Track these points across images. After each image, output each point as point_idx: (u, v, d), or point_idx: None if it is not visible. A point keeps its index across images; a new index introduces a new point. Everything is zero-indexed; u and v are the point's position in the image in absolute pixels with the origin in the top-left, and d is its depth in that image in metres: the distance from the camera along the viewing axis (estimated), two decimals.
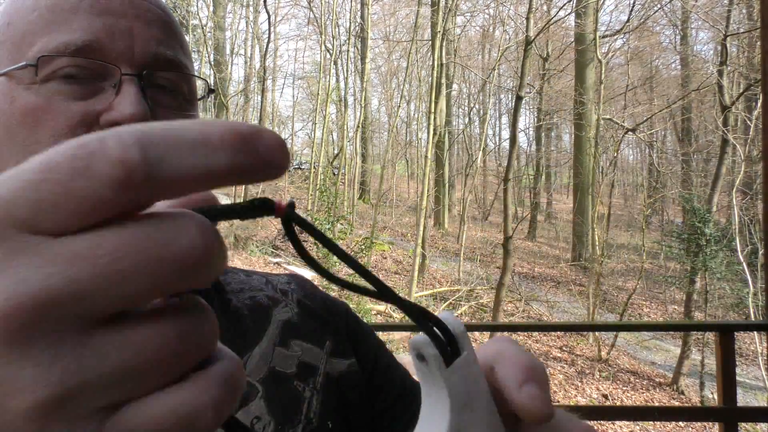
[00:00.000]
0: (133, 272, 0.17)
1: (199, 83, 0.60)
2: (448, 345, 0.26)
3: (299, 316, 0.64)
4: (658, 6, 14.60)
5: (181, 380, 0.18)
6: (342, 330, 0.66)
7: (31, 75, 0.50)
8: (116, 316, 0.18)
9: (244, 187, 15.97)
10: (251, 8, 24.11)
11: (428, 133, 12.18)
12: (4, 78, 0.51)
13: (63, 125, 0.49)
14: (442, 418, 0.26)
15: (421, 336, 0.25)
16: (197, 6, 20.78)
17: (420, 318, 0.25)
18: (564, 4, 11.77)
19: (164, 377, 0.18)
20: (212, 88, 0.62)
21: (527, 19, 9.85)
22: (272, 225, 13.96)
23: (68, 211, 0.17)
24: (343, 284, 0.24)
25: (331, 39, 18.81)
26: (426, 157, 11.99)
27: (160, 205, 0.19)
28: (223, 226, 13.53)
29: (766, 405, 7.33)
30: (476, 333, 8.27)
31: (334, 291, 9.12)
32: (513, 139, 9.82)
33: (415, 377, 0.29)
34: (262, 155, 0.19)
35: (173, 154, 0.18)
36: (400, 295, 0.25)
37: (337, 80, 20.84)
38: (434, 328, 0.25)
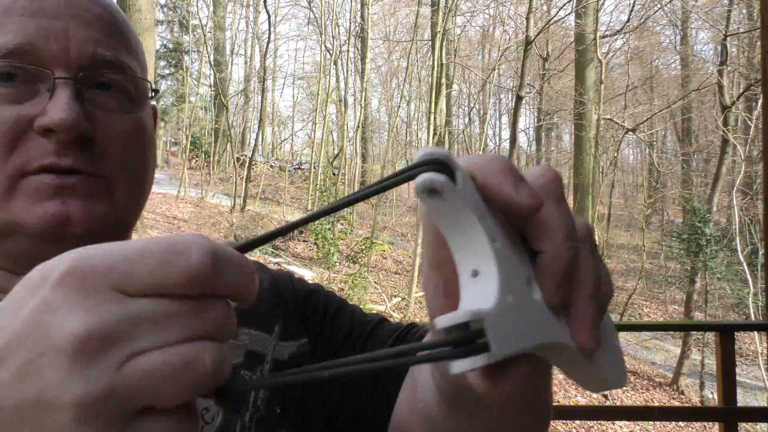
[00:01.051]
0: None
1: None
2: (443, 170, 0.27)
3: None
4: (658, 6, 14.60)
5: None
6: (291, 307, 0.65)
7: None
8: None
9: (244, 187, 15.97)
10: (251, 8, 24.14)
11: (428, 133, 12.18)
12: None
13: None
14: (476, 232, 0.28)
15: (420, 177, 0.27)
16: (197, 6, 20.80)
17: (407, 170, 0.28)
18: (564, 4, 11.78)
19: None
20: (156, 89, 0.61)
21: (527, 19, 9.85)
22: (272, 225, 13.97)
23: (148, 285, 0.26)
24: (315, 217, 0.30)
25: (331, 39, 18.83)
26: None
27: None
28: (223, 227, 13.54)
29: (766, 405, 7.32)
30: None
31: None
32: (513, 139, 9.82)
33: (431, 220, 0.30)
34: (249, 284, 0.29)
35: (230, 271, 0.28)
36: (370, 189, 0.28)
37: (337, 80, 20.85)
38: (425, 167, 0.27)
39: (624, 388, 8.22)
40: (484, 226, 0.28)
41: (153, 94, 0.60)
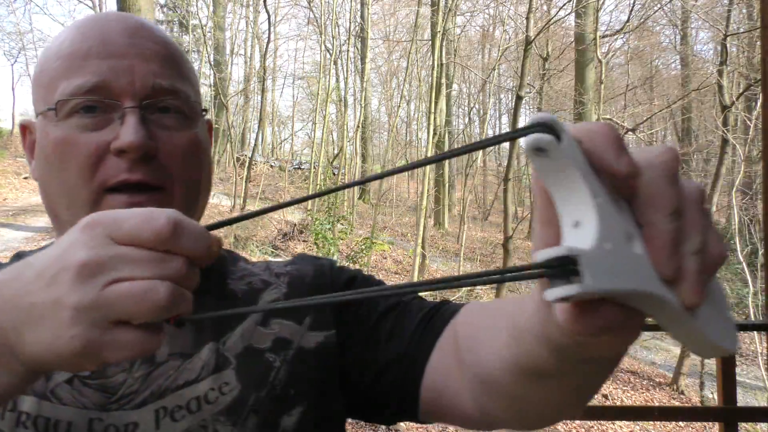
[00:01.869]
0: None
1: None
2: (550, 132, 0.30)
3: (286, 296, 0.73)
4: (658, 6, 14.59)
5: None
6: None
7: (54, 115, 0.63)
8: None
9: (244, 187, 15.96)
10: (251, 8, 24.11)
11: (428, 133, 12.18)
12: (42, 116, 0.65)
13: (82, 153, 0.62)
14: (578, 187, 0.30)
15: (531, 136, 0.30)
16: (197, 6, 20.79)
17: (519, 130, 0.31)
18: (564, 4, 11.77)
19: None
20: (205, 108, 0.73)
21: (527, 19, 9.85)
22: (272, 225, 13.97)
23: (129, 237, 0.39)
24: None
25: (331, 39, 18.82)
26: (426, 157, 11.99)
27: None
28: (223, 227, 13.51)
29: (766, 405, 7.33)
30: None
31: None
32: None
33: (539, 178, 0.32)
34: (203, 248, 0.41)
35: (188, 237, 0.40)
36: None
37: (337, 80, 20.83)
38: (534, 128, 0.30)
39: (624, 388, 8.22)
40: (587, 182, 0.30)
41: (203, 113, 0.72)
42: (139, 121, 0.62)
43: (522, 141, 0.31)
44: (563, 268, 0.28)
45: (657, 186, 0.31)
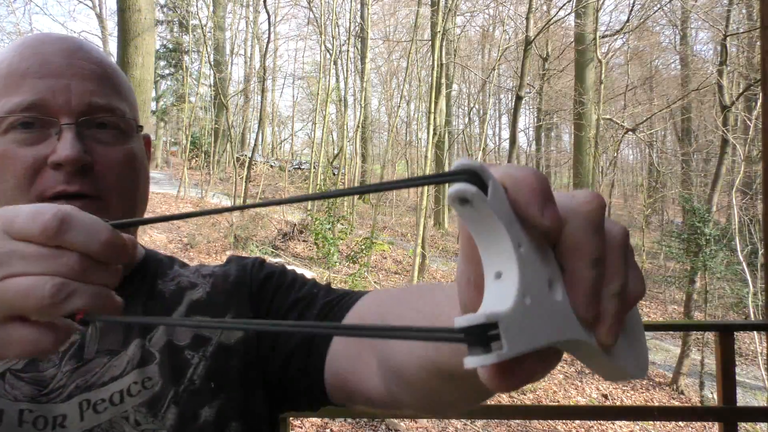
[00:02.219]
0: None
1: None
2: (476, 181, 0.29)
3: (209, 295, 0.77)
4: (658, 6, 14.60)
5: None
6: (245, 296, 0.77)
7: None
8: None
9: (244, 187, 15.96)
10: (251, 8, 24.12)
11: (428, 133, 12.18)
12: None
13: (19, 167, 0.65)
14: (502, 238, 0.30)
15: (454, 186, 0.29)
16: (197, 6, 20.78)
17: (443, 175, 0.30)
18: (564, 4, 11.77)
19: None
20: (140, 125, 0.76)
21: (527, 19, 9.86)
22: (272, 225, 13.97)
23: (20, 232, 0.39)
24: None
25: (331, 39, 18.82)
26: (426, 157, 11.99)
27: None
28: (223, 227, 13.53)
29: (765, 405, 7.33)
30: None
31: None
32: (513, 139, 9.82)
33: (463, 225, 0.32)
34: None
35: (78, 232, 0.39)
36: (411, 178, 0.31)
37: (337, 80, 20.84)
38: (460, 176, 0.29)
39: (624, 388, 8.22)
40: (510, 233, 0.30)
41: (139, 129, 0.75)
42: (76, 137, 0.65)
43: (448, 189, 0.30)
44: (481, 336, 0.27)
45: (580, 235, 0.32)
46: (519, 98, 9.50)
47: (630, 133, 12.18)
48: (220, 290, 0.77)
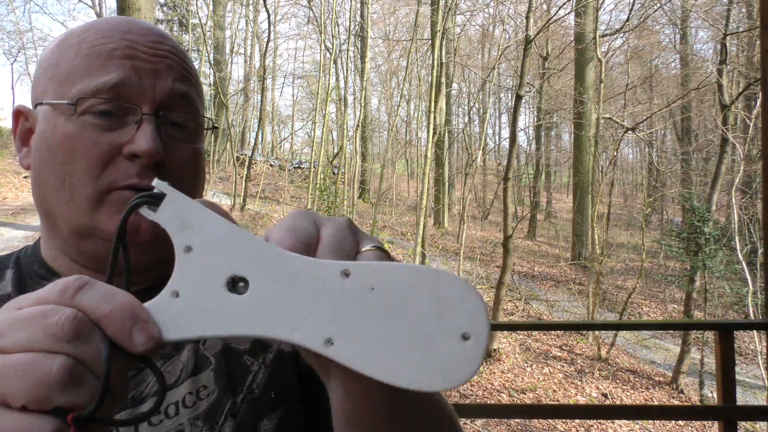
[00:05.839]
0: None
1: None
2: (152, 198, 0.39)
3: None
4: (658, 5, 14.60)
5: None
6: None
7: (71, 110, 0.63)
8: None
9: (244, 186, 15.95)
10: (251, 7, 24.11)
11: (428, 132, 12.17)
12: (50, 107, 0.64)
13: (94, 151, 0.62)
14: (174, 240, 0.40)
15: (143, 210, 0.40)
16: (197, 5, 20.76)
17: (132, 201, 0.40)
18: (564, 3, 11.75)
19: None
20: (216, 125, 0.75)
21: (527, 18, 9.84)
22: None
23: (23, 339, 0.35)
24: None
25: (331, 38, 18.80)
26: (426, 156, 11.99)
27: None
28: None
29: (765, 404, 7.33)
30: None
31: None
32: (513, 138, 9.81)
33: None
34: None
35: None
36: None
37: (337, 79, 20.84)
38: (149, 196, 0.40)
39: (623, 388, 8.22)
40: (173, 235, 0.40)
41: (211, 128, 0.75)
42: (155, 129, 0.63)
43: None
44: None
45: None
46: (519, 97, 9.49)
47: (630, 132, 12.17)
48: None
